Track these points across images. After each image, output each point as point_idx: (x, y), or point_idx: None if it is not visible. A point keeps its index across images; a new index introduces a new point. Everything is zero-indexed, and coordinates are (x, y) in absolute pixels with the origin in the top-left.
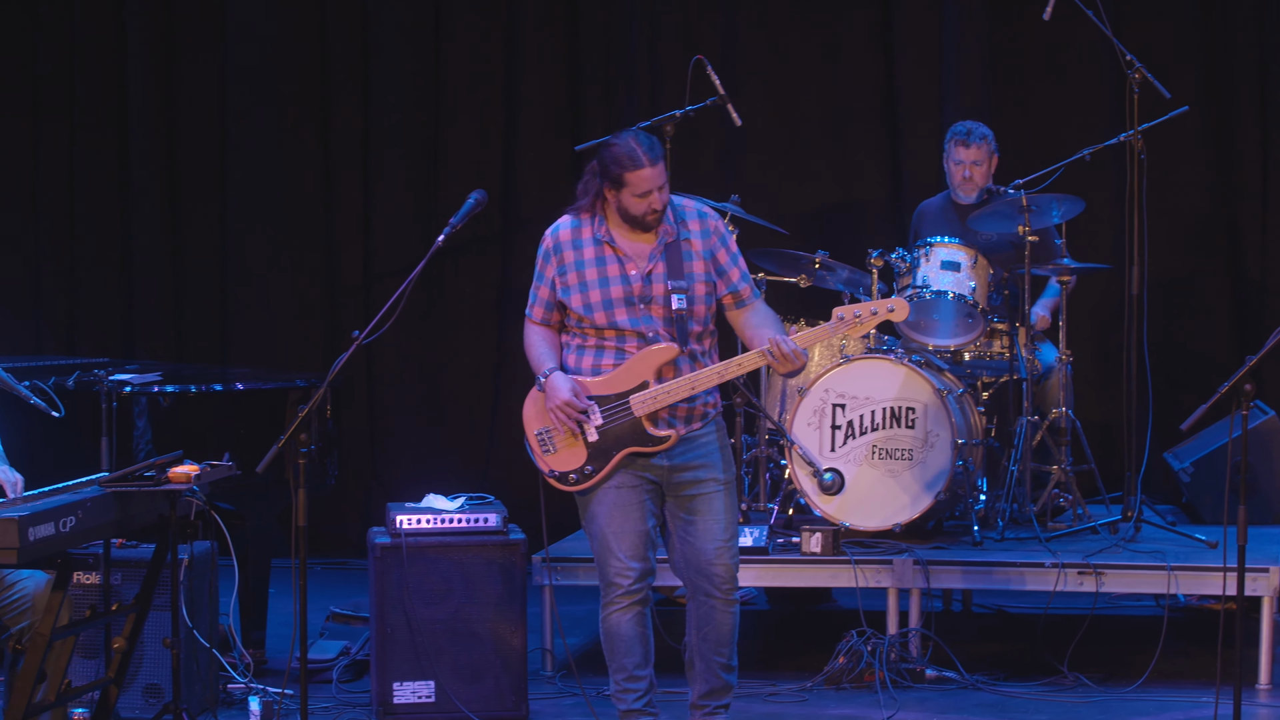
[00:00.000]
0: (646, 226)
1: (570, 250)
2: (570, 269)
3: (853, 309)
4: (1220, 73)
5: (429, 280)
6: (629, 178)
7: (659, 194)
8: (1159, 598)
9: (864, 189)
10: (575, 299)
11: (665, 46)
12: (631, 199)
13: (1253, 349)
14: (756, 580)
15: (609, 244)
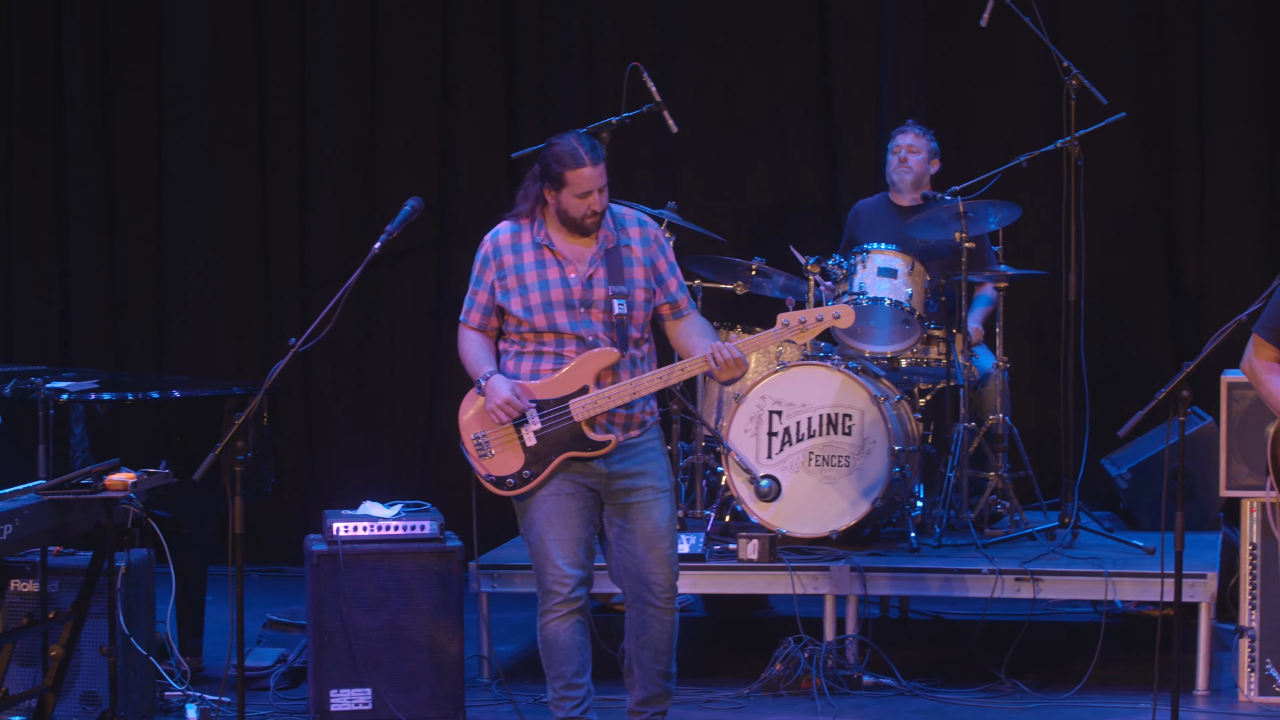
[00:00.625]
0: (586, 229)
1: (510, 254)
2: (510, 273)
3: (798, 315)
4: (1157, 78)
5: (365, 287)
6: (570, 176)
7: (599, 195)
8: (1096, 604)
9: (801, 195)
10: (515, 302)
11: (602, 54)
12: (572, 199)
13: (1190, 355)
14: (693, 587)
15: (549, 248)
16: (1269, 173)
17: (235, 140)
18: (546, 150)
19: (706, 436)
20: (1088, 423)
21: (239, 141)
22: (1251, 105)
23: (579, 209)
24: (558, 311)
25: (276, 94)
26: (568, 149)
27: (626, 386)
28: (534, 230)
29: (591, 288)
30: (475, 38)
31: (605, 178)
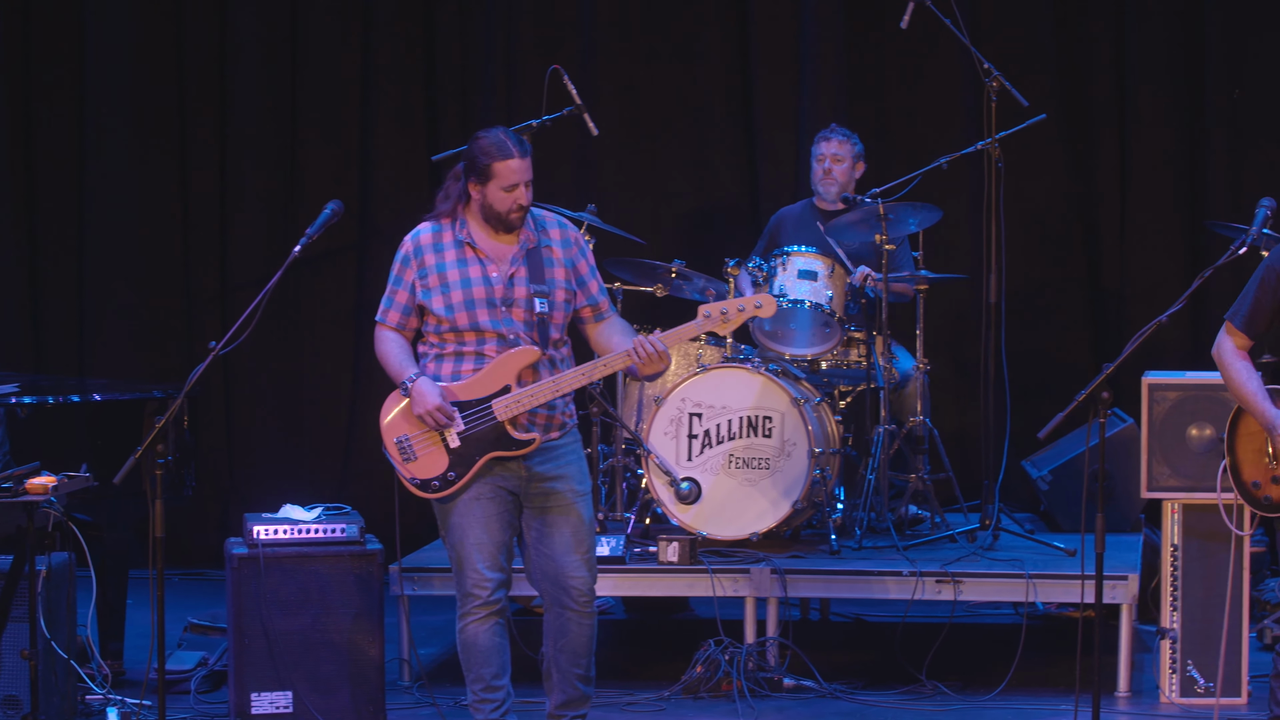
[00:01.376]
0: (510, 225)
1: (431, 253)
2: (431, 271)
3: (719, 306)
4: (1078, 80)
5: (286, 291)
6: (497, 168)
7: (525, 190)
8: (1018, 606)
9: (721, 198)
10: (437, 300)
11: (522, 56)
12: (498, 192)
13: (1111, 357)
14: (614, 590)
15: (470, 245)
16: (1189, 175)
17: (156, 145)
18: (473, 144)
19: (627, 439)
20: (1008, 425)
21: (159, 146)
22: (1172, 108)
23: (505, 203)
24: (479, 309)
25: (197, 99)
26: (495, 141)
27: (548, 384)
28: (455, 229)
29: (513, 286)
30: (395, 41)
31: (531, 172)
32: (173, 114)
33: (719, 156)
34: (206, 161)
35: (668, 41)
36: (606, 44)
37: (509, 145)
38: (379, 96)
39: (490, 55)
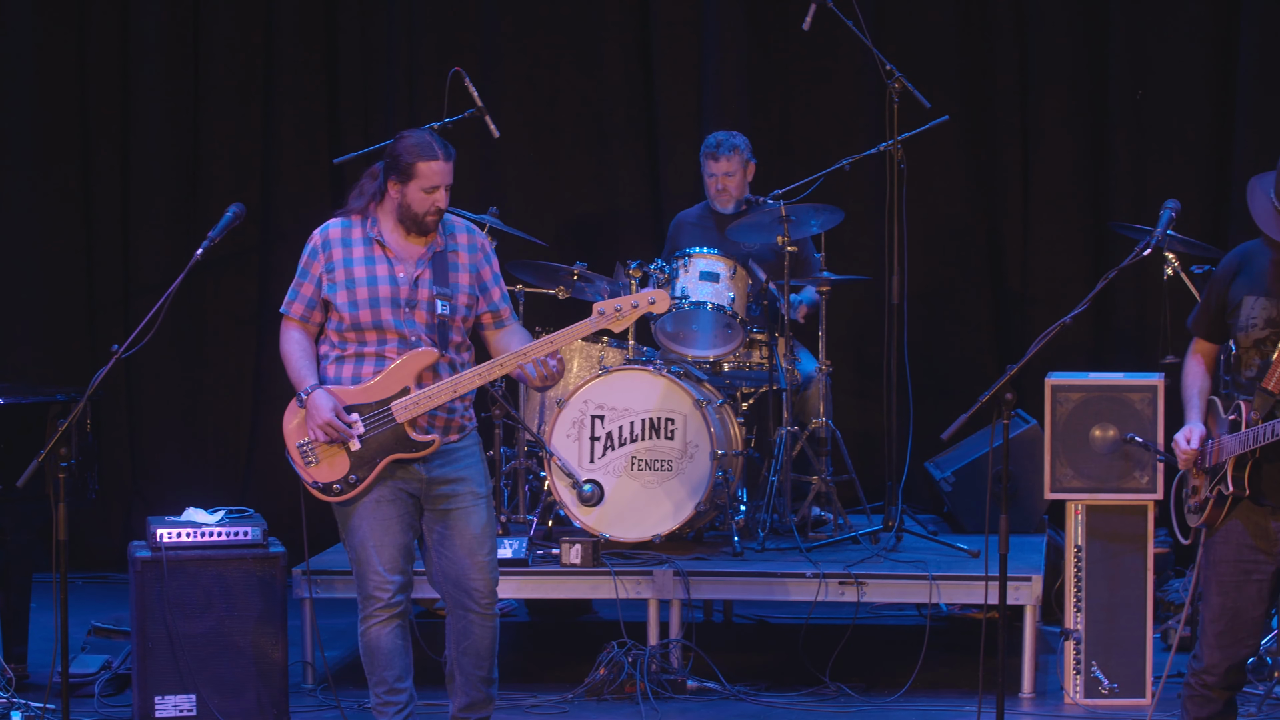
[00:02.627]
0: (426, 226)
1: (340, 248)
2: (339, 266)
3: (613, 303)
4: (981, 81)
5: (188, 294)
6: (420, 168)
7: (444, 193)
8: (921, 607)
9: (623, 201)
10: (341, 295)
11: (424, 60)
12: (418, 193)
13: (1014, 358)
14: (517, 592)
15: (380, 243)
16: (1093, 176)
17: (58, 147)
18: (398, 142)
19: (529, 441)
20: (911, 426)
21: (62, 149)
22: (1076, 109)
23: (423, 204)
24: (383, 308)
25: (100, 101)
26: (421, 141)
27: (447, 385)
28: (366, 226)
29: (417, 288)
30: (297, 44)
31: (452, 177)
32: (75, 119)
33: (621, 159)
34: (109, 165)
35: (570, 44)
36: (508, 47)
37: (434, 146)
38: (281, 100)
39: (392, 59)
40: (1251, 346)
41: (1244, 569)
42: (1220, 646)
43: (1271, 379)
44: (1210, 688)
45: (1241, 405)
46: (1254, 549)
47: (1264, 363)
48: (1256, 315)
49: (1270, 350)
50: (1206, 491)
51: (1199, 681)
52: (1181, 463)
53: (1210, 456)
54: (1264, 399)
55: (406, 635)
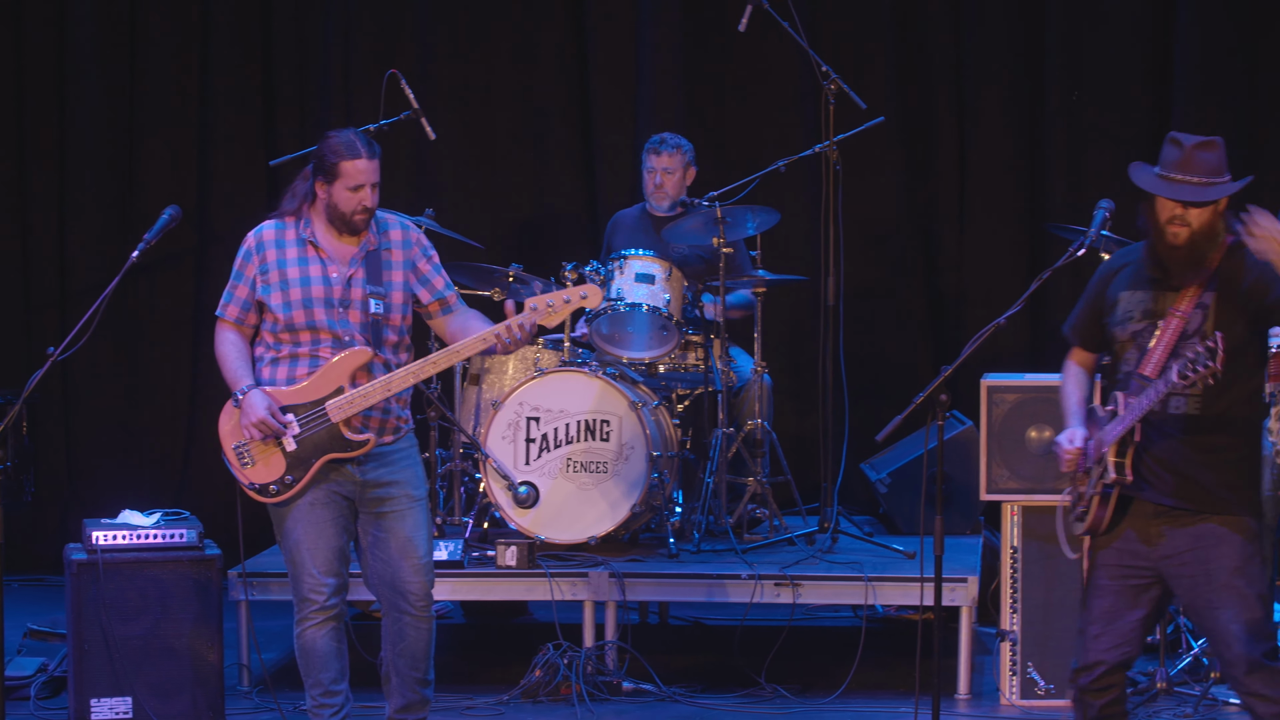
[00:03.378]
0: (355, 226)
1: (273, 249)
2: (273, 267)
3: (545, 299)
4: (916, 82)
5: (124, 296)
6: (345, 167)
7: (371, 191)
8: (857, 608)
9: (559, 203)
10: (275, 297)
11: (360, 62)
12: (344, 192)
13: (949, 359)
14: (452, 594)
15: (312, 244)
16: (1028, 177)
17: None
18: (323, 143)
19: (464, 443)
20: (847, 427)
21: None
22: (1012, 109)
23: (350, 203)
24: (317, 308)
25: (35, 103)
26: (345, 141)
27: (380, 383)
28: (299, 227)
29: (351, 287)
30: (233, 47)
31: (379, 175)
32: (11, 122)
33: (557, 161)
34: (45, 168)
35: (505, 47)
36: (444, 50)
37: (358, 145)
38: (217, 103)
39: (328, 61)
40: (1129, 339)
41: (1125, 572)
42: (1099, 649)
43: (1148, 365)
44: (1084, 690)
45: (1119, 396)
46: (1135, 554)
47: (1140, 355)
48: (1135, 309)
49: (1147, 341)
50: (1091, 491)
51: (1076, 685)
52: (1065, 464)
53: (1093, 455)
54: (1141, 384)
55: (342, 637)
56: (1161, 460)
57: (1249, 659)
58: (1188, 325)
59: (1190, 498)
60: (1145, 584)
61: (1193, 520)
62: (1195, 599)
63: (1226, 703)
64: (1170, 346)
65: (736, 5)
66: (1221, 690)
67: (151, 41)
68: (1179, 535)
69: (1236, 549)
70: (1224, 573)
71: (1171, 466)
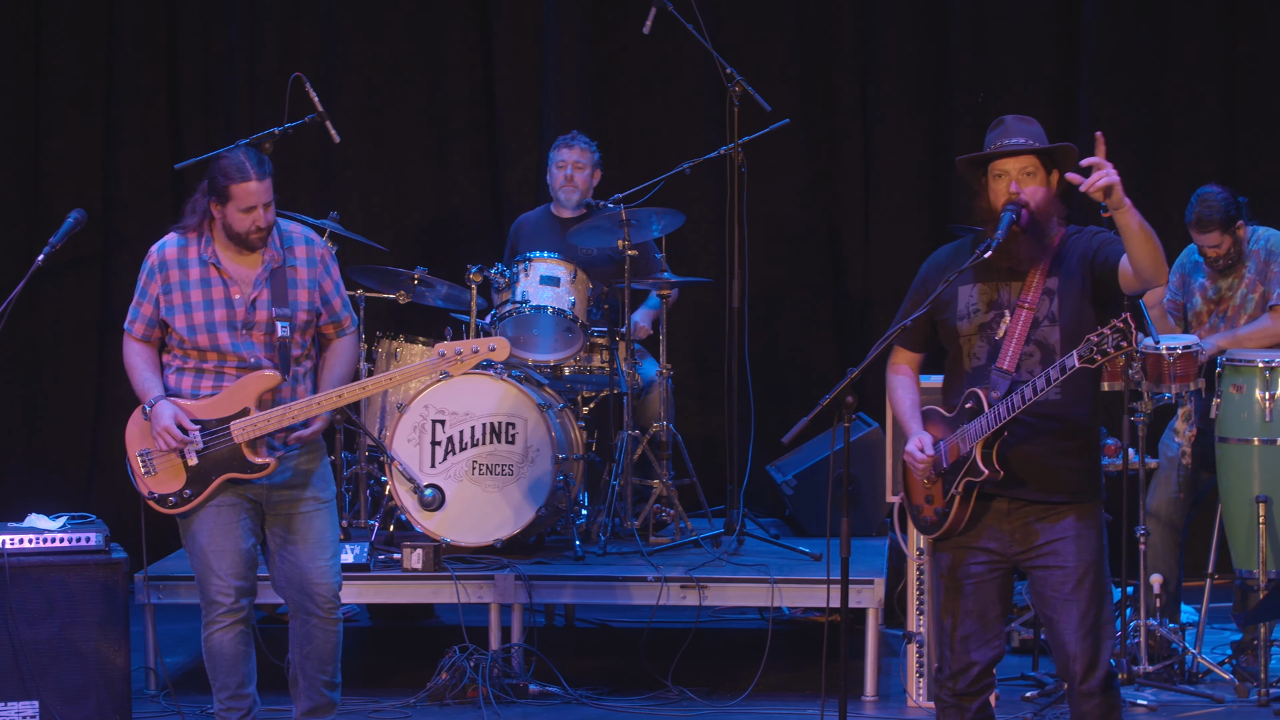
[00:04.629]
0: (250, 245)
1: (176, 269)
2: (175, 288)
3: (454, 346)
4: (822, 84)
5: (29, 301)
6: (235, 190)
7: (264, 211)
8: (763, 611)
9: (464, 205)
10: (179, 319)
11: (265, 65)
12: (236, 214)
13: (856, 361)
14: (358, 597)
15: (215, 265)
16: (933, 179)
17: None
18: (214, 164)
19: (370, 446)
20: (752, 429)
21: None
22: (917, 111)
23: (243, 224)
24: (220, 332)
25: None
26: (234, 163)
27: (282, 411)
28: (201, 246)
29: (255, 310)
30: (139, 49)
31: (271, 194)
32: None
33: (461, 163)
34: None
35: (411, 50)
36: (349, 53)
37: (247, 168)
38: (123, 106)
39: (233, 64)
40: (975, 333)
41: (984, 570)
42: (969, 650)
43: (1005, 359)
44: (960, 695)
45: (978, 393)
46: (991, 550)
47: (991, 347)
48: (976, 300)
49: (995, 332)
50: (953, 490)
51: (949, 691)
52: (919, 472)
53: (947, 456)
54: (1002, 378)
55: (249, 641)
56: (1023, 453)
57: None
58: (1037, 313)
59: (1053, 489)
60: (1002, 576)
61: (1052, 513)
62: (1044, 605)
63: (1134, 704)
64: (1023, 338)
65: (641, 7)
66: (1129, 691)
67: (57, 43)
68: (1038, 529)
69: (1092, 546)
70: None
71: (1033, 458)
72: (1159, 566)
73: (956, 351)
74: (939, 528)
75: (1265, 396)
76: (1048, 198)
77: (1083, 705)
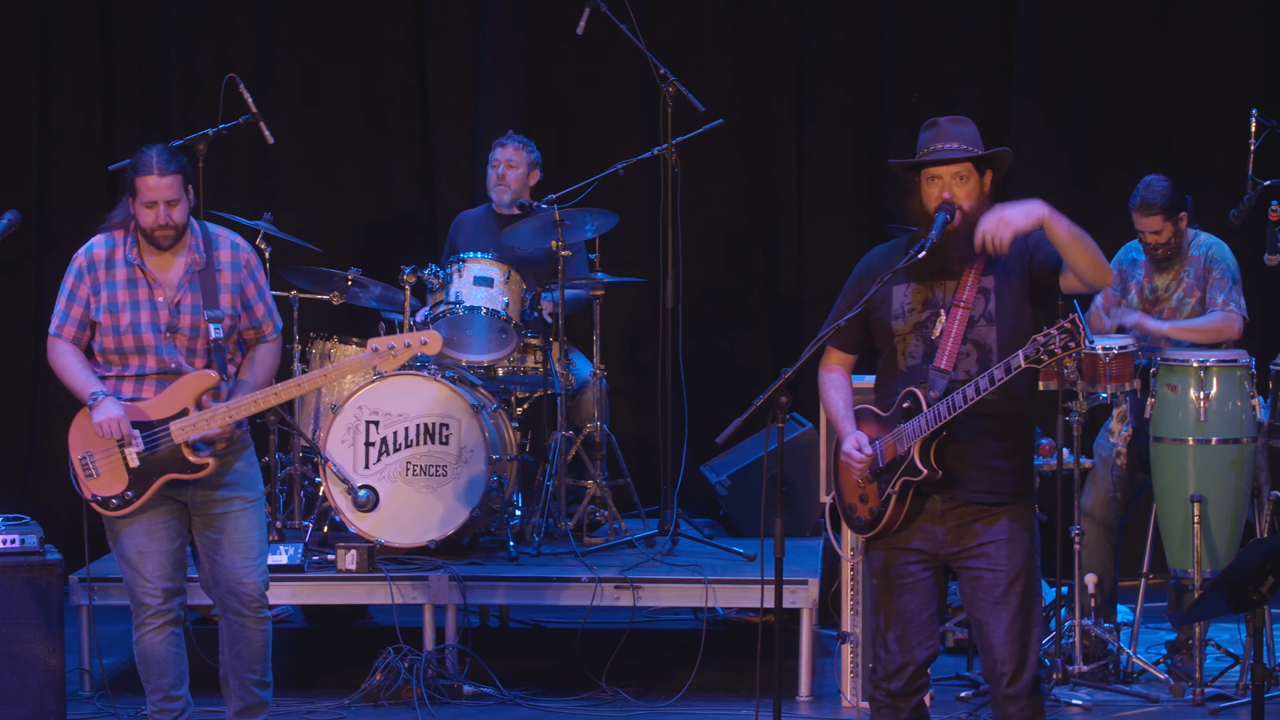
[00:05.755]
0: (158, 243)
1: (103, 270)
2: (103, 289)
3: (387, 341)
4: (756, 85)
5: None
6: (138, 184)
7: (166, 208)
8: (697, 611)
9: (398, 206)
10: (105, 319)
11: (200, 67)
12: (141, 208)
13: (790, 361)
14: (292, 598)
15: (140, 268)
16: (867, 180)
17: None
18: (131, 159)
19: (304, 447)
20: (686, 430)
21: None
22: (851, 111)
23: (146, 219)
24: (145, 333)
25: None
26: (143, 157)
27: (224, 410)
28: (126, 248)
29: (179, 314)
30: (73, 52)
31: (179, 192)
32: None
33: (396, 164)
34: None
35: (345, 51)
36: (283, 54)
37: (151, 162)
38: (57, 107)
39: (168, 65)
40: (910, 332)
41: (918, 569)
42: (902, 651)
43: (942, 358)
44: (895, 695)
45: (916, 392)
46: (924, 550)
47: (927, 347)
48: (910, 300)
49: (930, 332)
50: (889, 490)
51: (883, 692)
52: (858, 472)
53: (883, 456)
54: (939, 377)
55: (181, 642)
56: (960, 452)
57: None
58: (973, 312)
59: (990, 489)
60: (935, 576)
61: (988, 514)
62: (974, 607)
63: (1069, 704)
64: (960, 337)
65: (575, 8)
66: (1063, 691)
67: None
68: (974, 529)
69: (1024, 550)
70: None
71: (969, 457)
72: (1094, 566)
73: (891, 351)
74: (874, 527)
75: (1200, 396)
76: (980, 200)
77: (1008, 708)
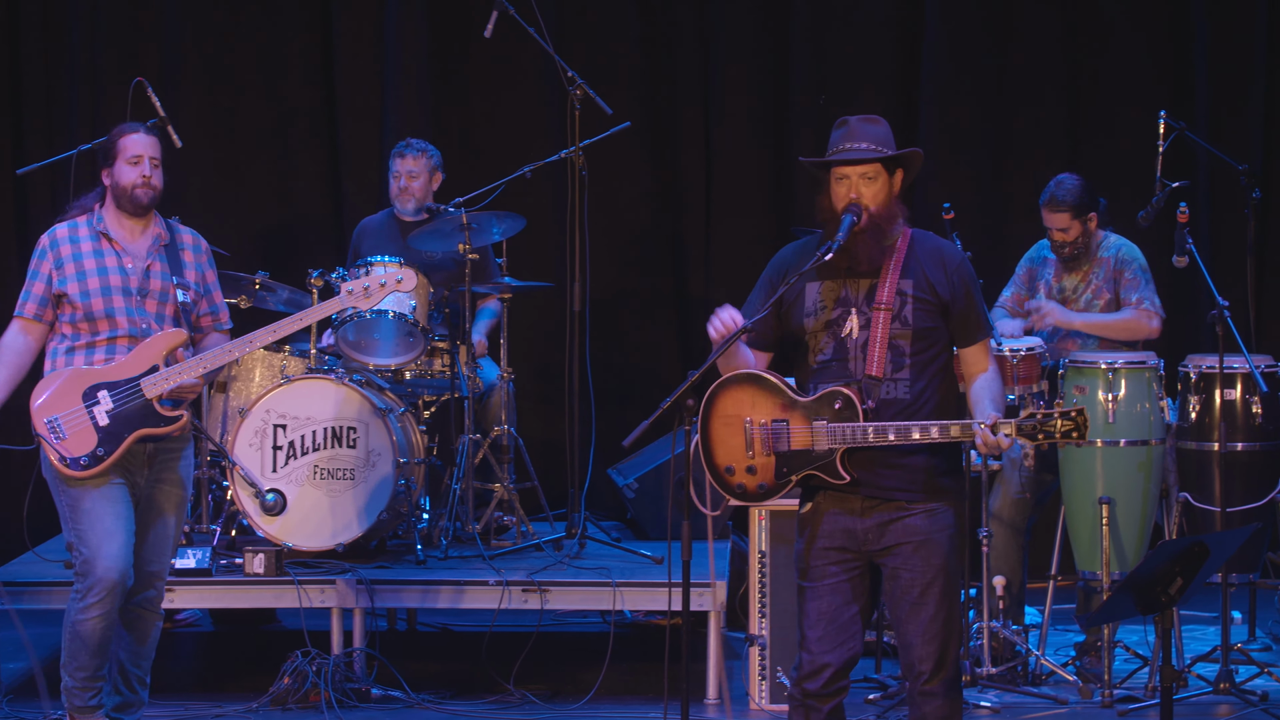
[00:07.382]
0: (137, 200)
1: (68, 245)
2: (68, 261)
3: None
4: (663, 86)
5: None
6: (122, 143)
7: (151, 166)
8: (605, 614)
9: (305, 210)
10: (73, 287)
11: (106, 72)
12: (124, 167)
13: (698, 363)
14: (200, 602)
15: (106, 236)
16: (775, 181)
17: None
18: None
19: (212, 451)
20: (594, 433)
21: None
22: (758, 115)
23: (129, 175)
24: (115, 296)
25: None
26: (123, 124)
27: (195, 361)
28: (92, 222)
29: (149, 278)
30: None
31: (159, 153)
32: None
33: (302, 167)
34: None
35: (252, 55)
36: (191, 57)
37: (136, 125)
38: None
39: (75, 69)
40: (822, 329)
41: (839, 568)
42: (822, 651)
43: (872, 364)
44: (814, 695)
45: (851, 396)
46: (841, 550)
47: (838, 344)
48: (821, 297)
49: (840, 329)
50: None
51: (801, 691)
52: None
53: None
54: (871, 385)
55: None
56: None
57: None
58: (894, 313)
59: (906, 487)
60: (858, 574)
61: (906, 512)
62: (894, 605)
63: (977, 706)
64: (886, 342)
65: (483, 10)
66: (972, 693)
67: None
68: (892, 529)
69: (944, 548)
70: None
71: (883, 457)
72: (1002, 568)
73: (804, 349)
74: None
75: (1108, 398)
76: (889, 200)
77: (924, 706)
